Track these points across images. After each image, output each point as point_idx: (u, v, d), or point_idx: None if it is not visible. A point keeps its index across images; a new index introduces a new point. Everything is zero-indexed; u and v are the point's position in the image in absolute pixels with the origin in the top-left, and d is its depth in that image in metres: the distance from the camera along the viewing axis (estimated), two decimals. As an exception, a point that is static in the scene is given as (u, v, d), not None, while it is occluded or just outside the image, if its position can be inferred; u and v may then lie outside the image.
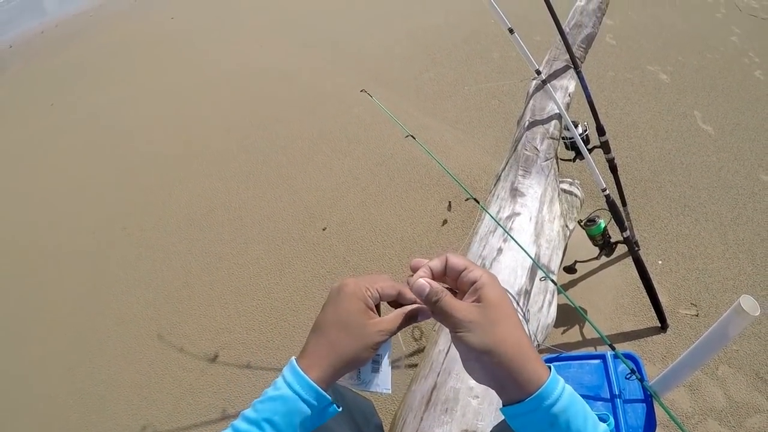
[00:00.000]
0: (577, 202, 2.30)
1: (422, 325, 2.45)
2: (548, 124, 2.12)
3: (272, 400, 0.72)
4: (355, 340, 0.76)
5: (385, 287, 0.81)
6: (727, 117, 3.61)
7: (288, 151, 4.06)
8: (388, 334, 0.78)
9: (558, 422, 0.65)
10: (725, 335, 1.37)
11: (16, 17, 13.03)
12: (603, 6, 2.53)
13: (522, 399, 0.66)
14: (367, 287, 0.79)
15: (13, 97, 7.22)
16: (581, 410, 0.68)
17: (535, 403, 0.66)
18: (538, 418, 0.66)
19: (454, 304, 0.71)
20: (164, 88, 5.94)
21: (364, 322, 0.77)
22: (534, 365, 0.68)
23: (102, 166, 4.71)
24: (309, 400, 0.72)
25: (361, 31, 6.04)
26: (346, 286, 0.79)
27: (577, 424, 0.66)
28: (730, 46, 4.56)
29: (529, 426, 0.68)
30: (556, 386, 0.67)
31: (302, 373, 0.73)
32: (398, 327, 0.80)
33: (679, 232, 2.77)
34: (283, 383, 0.73)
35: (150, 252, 3.48)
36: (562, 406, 0.66)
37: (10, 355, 3.09)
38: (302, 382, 0.72)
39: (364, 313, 0.77)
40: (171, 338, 2.83)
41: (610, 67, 4.31)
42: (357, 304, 0.77)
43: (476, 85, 4.33)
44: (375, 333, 0.77)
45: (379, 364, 0.82)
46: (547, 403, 0.65)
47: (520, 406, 0.67)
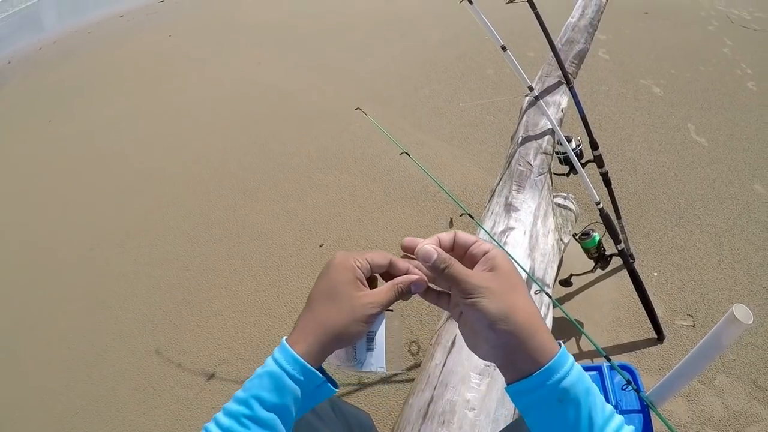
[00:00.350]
0: (571, 216, 2.32)
1: (420, 339, 2.47)
2: (541, 140, 2.15)
3: (259, 377, 0.70)
4: (342, 313, 0.72)
5: (375, 257, 0.77)
6: (720, 128, 3.65)
7: (285, 169, 4.09)
8: (379, 307, 0.74)
9: (567, 397, 0.64)
10: (719, 344, 1.38)
11: (14, 33, 13.11)
12: (595, 22, 2.56)
13: (531, 372, 0.65)
14: (356, 258, 0.75)
15: (11, 113, 7.24)
16: (591, 388, 0.66)
17: (545, 377, 0.64)
18: (546, 393, 0.64)
19: (467, 270, 0.69)
20: (162, 105, 5.98)
21: (352, 293, 0.73)
22: (545, 336, 0.66)
23: (100, 183, 4.73)
24: (295, 376, 0.69)
25: (358, 50, 6.10)
26: (335, 258, 0.76)
27: (587, 402, 0.64)
28: (722, 58, 4.61)
29: (537, 403, 0.66)
30: (567, 360, 0.65)
31: (289, 348, 0.70)
32: (390, 299, 0.75)
33: (675, 244, 2.80)
34: (271, 360, 0.71)
35: (148, 268, 3.49)
36: (571, 380, 0.64)
37: (5, 370, 3.08)
38: (288, 357, 0.70)
39: (352, 284, 0.73)
40: (169, 354, 2.83)
41: (604, 81, 4.35)
42: (345, 275, 0.74)
43: (471, 101, 4.36)
44: (364, 305, 0.73)
45: (373, 342, 0.78)
46: (557, 377, 0.64)
47: (529, 381, 0.65)
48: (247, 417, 0.67)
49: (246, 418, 0.67)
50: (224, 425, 0.67)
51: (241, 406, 0.68)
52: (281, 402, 0.69)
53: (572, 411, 0.64)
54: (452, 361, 1.42)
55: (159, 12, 10.37)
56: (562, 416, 0.64)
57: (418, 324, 2.56)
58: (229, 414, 0.69)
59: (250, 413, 0.68)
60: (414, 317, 2.60)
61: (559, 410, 0.64)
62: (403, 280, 0.76)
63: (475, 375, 1.37)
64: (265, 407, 0.68)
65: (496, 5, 2.19)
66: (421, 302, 2.53)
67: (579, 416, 0.64)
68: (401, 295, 0.76)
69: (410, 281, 0.76)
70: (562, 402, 0.64)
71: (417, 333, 2.52)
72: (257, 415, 0.67)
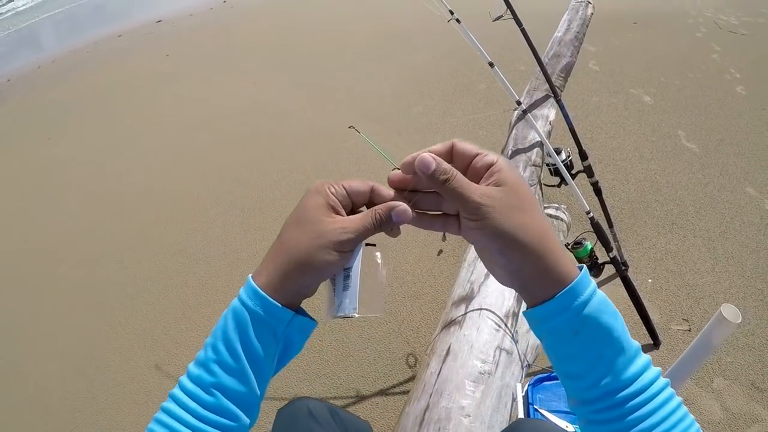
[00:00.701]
0: (563, 226, 2.36)
1: (417, 352, 2.49)
2: (530, 152, 2.19)
3: (224, 318, 0.65)
4: (307, 238, 0.63)
5: (354, 184, 0.67)
6: (711, 134, 3.69)
7: (282, 186, 4.13)
8: (352, 233, 0.64)
9: (585, 328, 0.58)
10: (710, 344, 1.40)
11: (13, 51, 13.16)
12: (580, 35, 2.62)
13: (546, 298, 0.59)
14: (332, 184, 0.67)
15: (11, 130, 7.23)
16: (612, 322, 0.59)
17: (566, 300, 0.58)
18: (562, 322, 0.59)
19: (470, 185, 0.60)
20: (160, 124, 6.02)
21: (321, 218, 0.64)
22: (560, 259, 0.59)
23: (98, 200, 4.76)
24: (255, 310, 0.62)
25: (351, 69, 6.16)
26: (312, 185, 0.68)
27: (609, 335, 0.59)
28: (711, 64, 4.67)
29: (553, 332, 0.61)
30: (586, 287, 0.59)
31: (251, 281, 0.64)
32: (366, 227, 0.65)
33: (668, 250, 2.83)
34: (236, 298, 0.65)
35: (147, 284, 3.51)
36: (590, 310, 0.58)
37: (5, 384, 3.09)
38: (249, 290, 0.64)
39: (322, 209, 0.65)
40: (168, 368, 2.84)
41: (594, 92, 4.41)
42: (316, 200, 0.65)
43: (463, 116, 4.41)
44: (333, 230, 0.63)
45: (349, 280, 0.67)
46: (579, 301, 0.58)
47: (548, 305, 0.59)
48: (216, 362, 0.63)
49: (215, 364, 0.63)
50: (194, 374, 0.64)
51: (208, 351, 0.63)
52: (249, 344, 0.63)
53: (590, 342, 0.59)
54: (447, 370, 1.45)
55: (156, 32, 10.43)
56: (579, 348, 0.60)
57: (415, 336, 2.59)
58: (197, 362, 0.64)
59: (218, 358, 0.63)
60: (411, 330, 2.63)
61: (575, 342, 0.59)
62: (382, 206, 0.65)
63: (469, 382, 1.40)
64: (232, 351, 0.62)
65: (484, 21, 2.23)
66: (419, 314, 2.57)
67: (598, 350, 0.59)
68: (380, 223, 0.65)
69: (390, 207, 0.65)
70: (579, 334, 0.59)
71: (414, 345, 2.54)
72: (224, 361, 0.62)
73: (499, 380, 1.44)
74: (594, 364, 0.59)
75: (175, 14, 11.57)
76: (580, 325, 0.58)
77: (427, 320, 2.66)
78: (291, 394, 2.44)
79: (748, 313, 2.40)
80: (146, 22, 11.43)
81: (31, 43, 14.02)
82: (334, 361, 2.56)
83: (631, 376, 0.58)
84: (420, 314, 2.71)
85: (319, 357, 2.59)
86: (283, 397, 2.43)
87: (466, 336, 1.54)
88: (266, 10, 10.23)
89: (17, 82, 9.55)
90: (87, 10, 17.00)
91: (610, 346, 0.59)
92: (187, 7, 12.12)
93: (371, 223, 0.64)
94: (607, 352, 0.59)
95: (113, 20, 13.16)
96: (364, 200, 0.68)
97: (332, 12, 8.93)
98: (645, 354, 0.61)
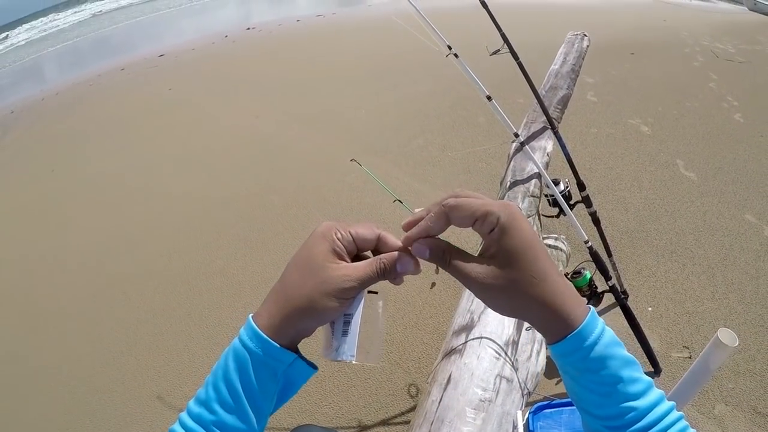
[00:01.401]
0: (563, 256, 2.38)
1: (419, 382, 2.50)
2: (528, 183, 2.22)
3: (225, 357, 0.65)
4: (309, 283, 0.64)
5: (360, 230, 0.67)
6: (709, 162, 3.73)
7: (284, 219, 4.17)
8: (355, 282, 0.64)
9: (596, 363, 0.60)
10: (707, 368, 1.42)
11: (17, 83, 13.30)
12: (577, 68, 2.68)
13: (561, 338, 0.61)
14: (338, 229, 0.66)
15: (15, 162, 7.28)
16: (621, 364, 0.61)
17: (575, 343, 0.60)
18: (579, 359, 0.61)
19: (467, 268, 0.63)
20: (162, 157, 6.09)
21: (325, 264, 0.64)
22: (569, 299, 0.62)
23: (101, 232, 4.80)
24: (256, 352, 0.63)
25: (352, 103, 6.24)
26: (318, 228, 0.68)
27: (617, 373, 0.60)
28: (708, 92, 4.73)
29: (572, 365, 0.62)
30: (595, 326, 0.61)
31: (251, 322, 0.65)
32: (369, 275, 0.65)
33: (668, 278, 2.84)
34: (237, 338, 0.65)
35: (150, 316, 3.53)
36: (602, 348, 0.60)
37: (7, 415, 3.09)
38: (250, 331, 0.64)
39: (327, 255, 0.65)
40: (171, 399, 2.85)
41: (593, 123, 4.47)
42: (321, 245, 0.65)
43: (463, 149, 4.46)
44: (336, 277, 0.63)
45: (349, 326, 0.68)
46: (588, 343, 0.60)
47: (559, 346, 0.61)
48: (216, 401, 0.63)
49: (215, 403, 0.63)
50: (194, 413, 0.64)
51: (209, 390, 0.64)
52: (248, 385, 0.63)
53: (599, 379, 0.60)
54: (448, 398, 1.46)
55: (159, 66, 10.56)
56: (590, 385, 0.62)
57: (417, 367, 2.60)
58: (198, 401, 0.64)
59: (218, 398, 0.63)
60: (412, 360, 2.64)
61: (585, 379, 0.62)
62: (387, 256, 0.66)
63: (470, 410, 1.42)
64: (232, 391, 0.63)
65: (483, 56, 2.27)
66: (419, 345, 2.58)
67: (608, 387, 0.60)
68: (383, 272, 0.65)
69: (394, 258, 0.66)
70: (588, 372, 0.61)
71: (415, 376, 2.55)
72: (225, 400, 0.63)
73: (500, 408, 1.45)
74: (605, 400, 0.61)
75: (177, 48, 11.74)
76: (588, 366, 0.60)
77: (428, 350, 2.67)
78: (293, 424, 2.44)
79: (749, 339, 2.41)
80: (149, 56, 11.59)
81: (35, 76, 14.19)
82: (336, 392, 2.57)
83: (643, 409, 0.60)
84: (421, 345, 2.72)
85: (321, 387, 2.60)
86: (286, 427, 2.43)
87: (466, 364, 1.55)
88: (267, 45, 10.38)
89: (21, 114, 9.65)
90: (90, 44, 17.25)
91: (620, 382, 0.60)
92: (189, 41, 12.33)
93: (375, 272, 0.65)
94: (617, 387, 0.60)
95: (116, 53, 13.38)
96: (371, 247, 0.68)
97: (332, 46, 9.07)
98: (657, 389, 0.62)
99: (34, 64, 16.07)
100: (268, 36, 11.23)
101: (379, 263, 0.65)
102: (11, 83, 13.65)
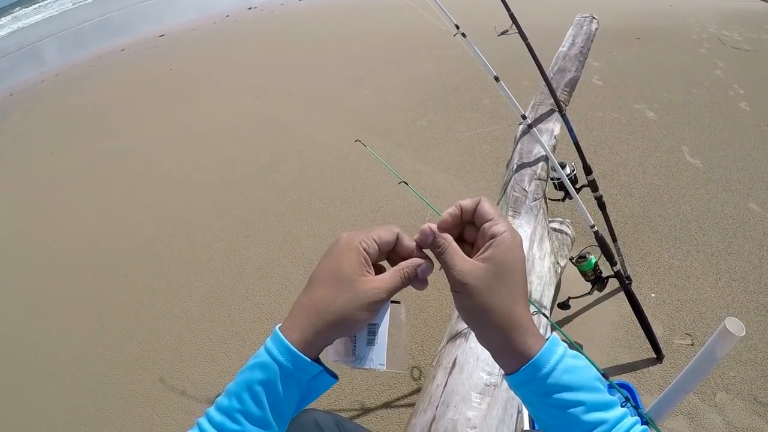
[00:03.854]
0: (568, 240, 2.36)
1: (422, 365, 2.50)
2: (535, 166, 2.20)
3: (251, 369, 0.66)
4: (342, 298, 0.66)
5: (382, 233, 0.70)
6: (714, 149, 3.71)
7: (286, 200, 4.14)
8: (385, 293, 0.67)
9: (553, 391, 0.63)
10: (713, 357, 1.41)
11: (16, 66, 13.22)
12: (585, 50, 2.64)
13: (516, 369, 0.64)
14: (363, 239, 0.69)
15: (15, 145, 7.25)
16: (582, 382, 0.65)
17: (530, 372, 0.63)
18: (535, 387, 0.64)
19: (456, 260, 0.66)
20: (163, 138, 6.06)
21: (356, 277, 0.66)
22: (530, 332, 0.65)
23: (102, 214, 4.78)
24: (288, 367, 0.64)
25: (355, 83, 6.19)
26: (341, 238, 0.69)
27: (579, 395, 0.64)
28: (714, 79, 4.70)
29: (529, 396, 0.66)
30: (551, 355, 0.64)
31: (281, 337, 0.65)
32: (396, 285, 0.68)
33: (671, 265, 2.84)
34: (263, 350, 0.67)
35: (151, 298, 3.52)
36: (557, 377, 0.63)
37: (8, 400, 3.09)
38: (280, 345, 0.65)
39: (357, 267, 0.67)
40: (173, 382, 2.85)
41: (598, 107, 4.43)
42: (350, 257, 0.67)
43: (467, 131, 4.43)
44: (367, 291, 0.66)
45: (375, 336, 0.71)
46: (542, 372, 0.63)
47: (515, 376, 0.65)
48: (240, 412, 0.64)
49: (239, 413, 0.64)
50: (216, 421, 0.65)
51: (232, 400, 0.65)
52: (274, 396, 0.65)
53: (559, 406, 0.64)
54: (453, 382, 1.45)
55: (159, 46, 10.50)
56: (550, 412, 0.65)
57: (420, 350, 2.59)
58: (220, 409, 0.66)
59: (242, 408, 0.64)
60: (416, 343, 2.64)
61: (545, 406, 0.65)
62: (408, 264, 0.70)
63: (475, 394, 1.41)
64: (257, 402, 0.64)
65: (489, 36, 2.25)
66: (423, 327, 2.57)
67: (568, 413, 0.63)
68: (407, 280, 0.69)
69: (415, 265, 0.70)
70: (547, 398, 0.64)
71: (419, 358, 2.55)
72: (249, 411, 0.64)
73: (505, 392, 1.44)
74: (568, 424, 0.64)
75: (178, 28, 11.67)
76: (546, 392, 0.63)
77: (431, 333, 2.66)
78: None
79: (752, 328, 2.41)
80: (149, 37, 11.53)
81: (34, 58, 14.09)
82: (339, 374, 2.55)
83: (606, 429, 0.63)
84: (424, 327, 2.71)
85: (324, 370, 2.59)
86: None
87: (472, 348, 1.54)
88: (269, 25, 10.31)
89: (20, 96, 9.60)
90: (91, 25, 17.10)
91: (579, 406, 0.63)
92: (190, 21, 12.23)
93: (400, 282, 0.69)
94: (577, 412, 0.63)
95: (117, 35, 13.28)
96: (391, 247, 0.72)
97: (336, 26, 9.00)
98: (620, 408, 0.66)
99: (34, 46, 15.95)
100: (270, 16, 11.14)
101: (403, 272, 0.69)
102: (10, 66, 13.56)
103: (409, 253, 0.72)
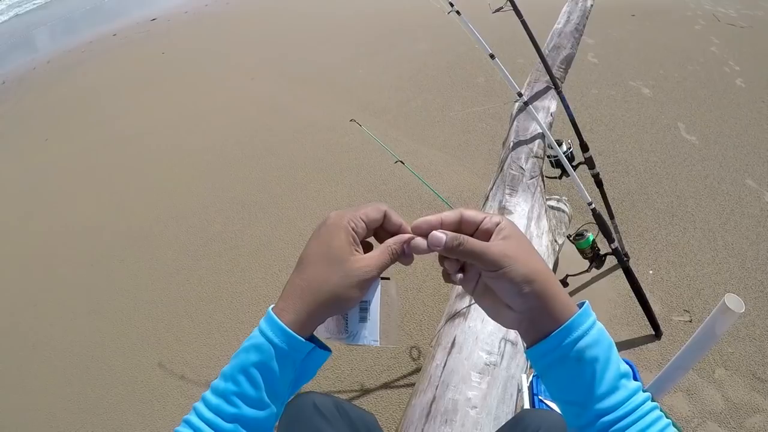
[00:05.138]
0: (565, 218, 2.36)
1: (420, 345, 2.50)
2: (532, 144, 2.19)
3: (246, 351, 0.66)
4: (333, 277, 0.67)
5: (369, 212, 0.71)
6: (710, 126, 3.70)
7: (282, 182, 4.12)
8: (375, 271, 0.68)
9: (584, 357, 0.63)
10: (713, 334, 1.41)
11: (7, 53, 13.05)
12: (581, 27, 2.61)
13: (551, 332, 0.64)
14: (351, 218, 0.69)
15: (7, 132, 7.16)
16: (611, 352, 0.65)
17: (563, 335, 0.64)
18: (564, 352, 0.64)
19: (481, 245, 0.66)
20: (157, 122, 6.00)
21: (346, 256, 0.67)
22: (564, 297, 0.66)
23: (97, 199, 4.75)
24: (283, 348, 0.65)
25: (349, 63, 6.14)
26: (329, 217, 0.70)
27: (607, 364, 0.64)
28: (710, 56, 4.67)
29: (556, 363, 0.65)
30: (586, 320, 0.65)
31: (275, 318, 0.66)
32: (385, 262, 0.69)
33: (669, 241, 2.83)
34: (257, 331, 0.67)
35: (148, 282, 3.50)
36: (589, 341, 0.63)
37: (8, 385, 3.08)
38: (274, 326, 0.66)
39: (347, 247, 0.68)
40: (172, 366, 2.84)
41: (593, 84, 4.41)
42: (339, 236, 0.68)
43: (463, 109, 4.41)
44: (358, 269, 0.67)
45: (367, 312, 0.73)
46: (575, 335, 0.63)
47: (548, 341, 0.64)
48: (236, 394, 0.65)
49: (235, 395, 0.65)
50: (212, 404, 0.66)
51: (228, 382, 0.66)
52: (270, 377, 0.66)
53: (589, 371, 0.63)
54: (453, 362, 1.45)
55: (151, 30, 10.36)
56: (579, 375, 0.64)
57: (418, 330, 2.59)
58: (216, 392, 0.67)
59: (238, 390, 0.65)
60: (414, 323, 2.63)
61: (577, 369, 0.64)
62: (395, 240, 0.71)
63: (475, 374, 1.41)
64: (254, 384, 0.65)
65: (483, 14, 2.21)
66: (421, 307, 2.57)
67: (596, 377, 0.63)
68: (396, 256, 0.71)
69: (402, 241, 0.70)
70: (581, 361, 0.63)
71: (417, 339, 2.54)
72: (245, 393, 0.65)
73: (505, 371, 1.44)
74: (587, 392, 0.64)
75: (170, 12, 11.51)
76: (580, 353, 0.63)
77: (429, 312, 2.66)
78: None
79: (749, 304, 2.41)
80: (141, 21, 11.36)
81: (26, 45, 13.92)
82: (338, 356, 2.56)
83: (619, 400, 0.64)
84: (422, 307, 2.71)
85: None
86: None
87: (471, 328, 1.54)
88: (262, 5, 10.19)
89: (12, 84, 9.47)
90: (82, 10, 16.90)
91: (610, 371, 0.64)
92: (181, 3, 12.05)
93: (389, 258, 0.70)
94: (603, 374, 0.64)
95: (108, 19, 13.06)
96: (379, 225, 0.73)
97: (329, 5, 8.89)
98: (635, 381, 0.67)
99: (25, 33, 15.76)
100: (263, -4, 11.05)
101: (391, 249, 0.70)
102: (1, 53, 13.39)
103: (396, 229, 0.72)
